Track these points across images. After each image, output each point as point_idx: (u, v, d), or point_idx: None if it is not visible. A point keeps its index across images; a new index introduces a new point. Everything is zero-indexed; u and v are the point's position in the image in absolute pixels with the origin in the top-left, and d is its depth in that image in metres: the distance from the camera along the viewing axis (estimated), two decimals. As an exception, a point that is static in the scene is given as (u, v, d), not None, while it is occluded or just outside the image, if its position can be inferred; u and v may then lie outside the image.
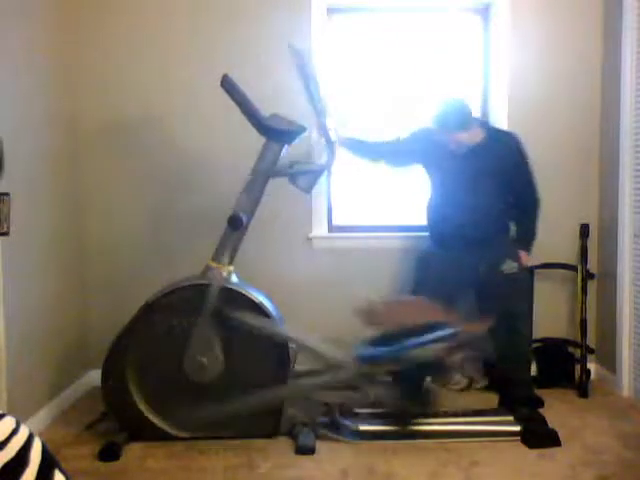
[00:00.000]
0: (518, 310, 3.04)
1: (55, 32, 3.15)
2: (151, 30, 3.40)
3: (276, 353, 2.67)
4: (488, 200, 2.94)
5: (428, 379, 3.19)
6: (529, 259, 3.10)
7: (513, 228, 3.12)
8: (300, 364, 2.84)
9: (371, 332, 2.71)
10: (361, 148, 3.16)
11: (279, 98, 3.20)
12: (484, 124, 3.10)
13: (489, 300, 3.04)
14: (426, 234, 3.19)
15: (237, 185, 2.79)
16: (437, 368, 2.76)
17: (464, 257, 2.92)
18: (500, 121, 3.45)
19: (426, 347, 2.58)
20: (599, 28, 3.45)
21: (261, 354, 2.66)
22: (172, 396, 2.65)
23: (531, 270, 3.42)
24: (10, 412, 0.76)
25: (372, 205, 3.65)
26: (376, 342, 2.70)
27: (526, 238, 3.06)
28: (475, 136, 2.95)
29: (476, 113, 3.08)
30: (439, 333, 2.60)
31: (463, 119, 2.90)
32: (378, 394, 2.69)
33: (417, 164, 3.16)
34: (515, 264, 2.98)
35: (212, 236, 2.78)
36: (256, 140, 2.80)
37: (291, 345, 2.70)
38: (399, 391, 2.70)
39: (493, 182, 2.94)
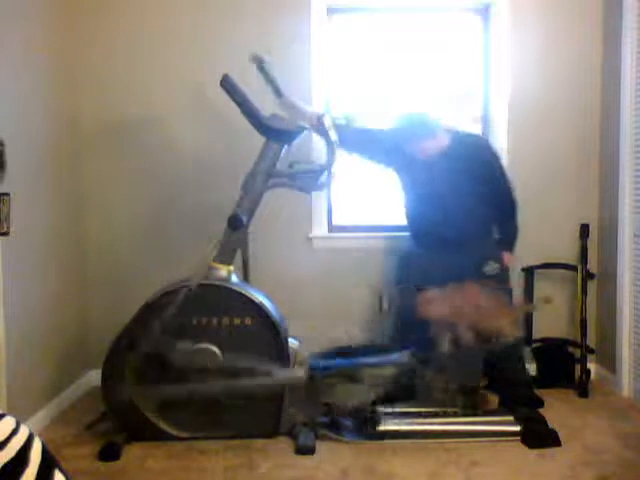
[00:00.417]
0: None
1: (55, 31, 3.15)
2: (151, 30, 3.40)
3: (276, 353, 2.67)
4: (462, 201, 2.94)
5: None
6: (513, 259, 3.08)
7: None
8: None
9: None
10: (348, 136, 3.10)
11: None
12: (450, 130, 3.09)
13: None
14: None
15: (237, 185, 2.79)
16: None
17: (444, 258, 2.91)
18: (500, 121, 3.45)
19: (379, 367, 2.67)
20: (599, 28, 3.45)
21: (261, 354, 2.66)
22: (172, 396, 2.65)
23: (531, 270, 3.43)
24: (10, 412, 0.76)
25: (372, 205, 3.65)
26: (329, 355, 2.78)
27: (508, 238, 3.06)
28: (442, 142, 2.97)
29: (440, 121, 3.08)
30: (392, 357, 2.70)
31: (427, 129, 2.95)
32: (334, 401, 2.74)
33: (387, 166, 3.18)
34: (497, 265, 2.96)
35: (213, 236, 2.78)
36: (256, 140, 2.80)
37: (291, 347, 2.71)
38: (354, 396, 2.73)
39: (465, 184, 2.93)
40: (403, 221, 3.24)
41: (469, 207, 2.95)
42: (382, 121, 3.49)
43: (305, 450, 2.58)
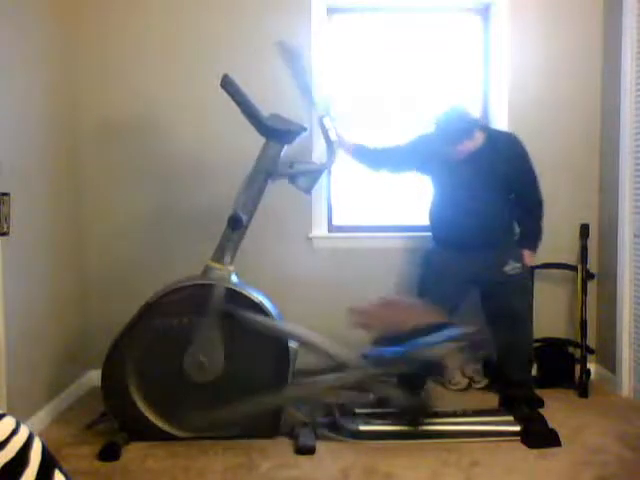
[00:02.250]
0: (520, 311, 3.05)
1: (54, 30, 3.15)
2: (151, 29, 3.40)
3: (276, 352, 2.67)
4: (490, 202, 2.94)
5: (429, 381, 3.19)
6: (533, 259, 3.11)
7: (517, 228, 3.12)
8: (301, 364, 2.84)
9: (367, 333, 2.71)
10: (366, 155, 3.14)
11: (279, 98, 3.20)
12: (484, 127, 3.09)
13: (492, 301, 3.06)
14: (428, 234, 3.20)
15: (237, 185, 2.79)
16: (438, 369, 2.75)
17: (468, 258, 2.93)
18: (500, 121, 3.45)
19: (434, 347, 2.59)
20: (599, 28, 3.45)
21: (261, 353, 2.66)
22: (172, 396, 2.65)
23: (531, 270, 3.43)
24: (10, 412, 0.75)
25: (372, 205, 3.65)
26: (381, 342, 2.70)
27: (530, 238, 3.06)
28: (477, 141, 2.95)
29: (476, 116, 3.08)
30: (446, 333, 2.60)
31: (467, 129, 2.90)
32: (386, 395, 2.72)
33: (417, 171, 3.17)
34: (518, 264, 2.98)
35: (212, 236, 2.78)
36: (256, 140, 2.80)
37: (292, 344, 2.70)
38: (405, 392, 2.71)
39: (495, 184, 2.94)
40: (423, 222, 3.23)
41: (496, 208, 2.96)
42: (381, 121, 3.51)
43: (305, 450, 2.58)
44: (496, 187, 2.95)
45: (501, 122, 3.45)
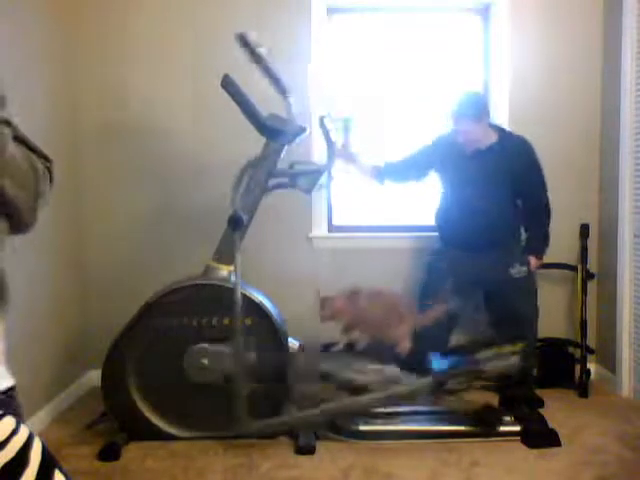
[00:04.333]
0: (525, 314, 3.04)
1: (54, 30, 3.15)
2: (151, 29, 3.40)
3: (276, 353, 2.67)
4: (498, 203, 2.95)
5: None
6: (539, 264, 3.09)
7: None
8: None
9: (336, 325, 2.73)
10: (391, 173, 3.17)
11: (279, 98, 3.19)
12: (497, 127, 3.10)
13: (496, 303, 3.05)
14: (428, 234, 3.21)
15: (237, 185, 2.79)
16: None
17: (473, 258, 2.93)
18: (501, 121, 3.45)
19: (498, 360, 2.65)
20: (599, 28, 3.45)
21: (262, 354, 2.66)
22: (172, 396, 2.65)
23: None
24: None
25: (372, 205, 3.64)
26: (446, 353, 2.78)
27: (537, 243, 3.05)
28: (487, 137, 2.97)
29: (490, 111, 3.12)
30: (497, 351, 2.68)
31: (478, 109, 2.93)
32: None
33: (433, 171, 3.17)
34: (524, 268, 2.98)
35: (212, 236, 2.78)
36: (257, 140, 2.79)
37: (291, 347, 2.71)
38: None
39: (504, 185, 2.95)
40: (424, 222, 3.26)
41: (503, 209, 2.97)
42: (381, 121, 3.50)
43: (305, 450, 2.58)
44: (504, 187, 2.95)
45: (501, 122, 3.44)
